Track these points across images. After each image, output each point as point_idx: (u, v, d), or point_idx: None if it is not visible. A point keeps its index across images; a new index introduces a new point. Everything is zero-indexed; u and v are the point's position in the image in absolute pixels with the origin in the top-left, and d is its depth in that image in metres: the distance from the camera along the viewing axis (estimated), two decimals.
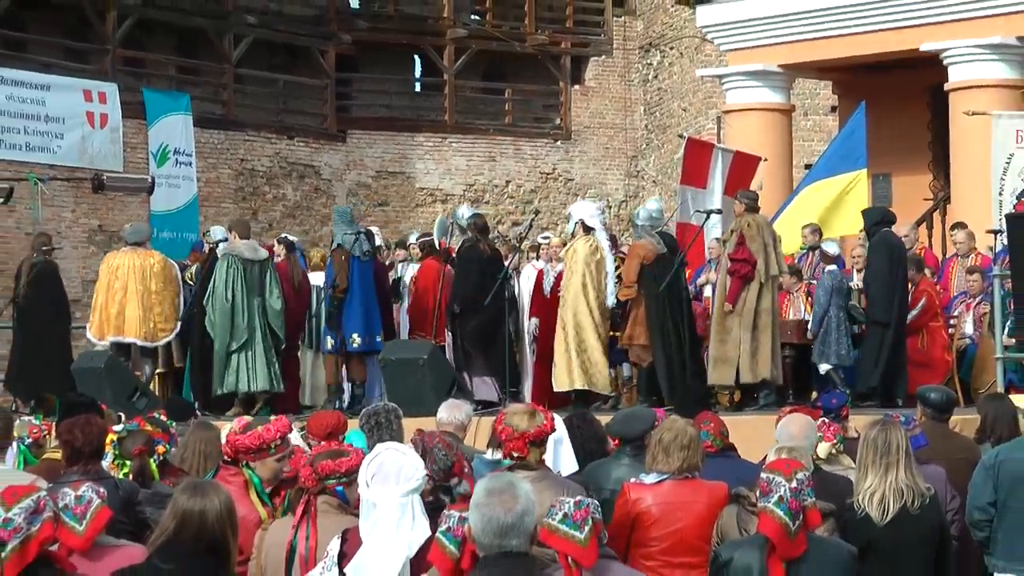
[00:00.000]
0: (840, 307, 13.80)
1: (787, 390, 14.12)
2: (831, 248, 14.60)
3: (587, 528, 5.11)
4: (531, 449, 6.64)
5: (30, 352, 15.59)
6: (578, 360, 13.89)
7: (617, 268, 14.43)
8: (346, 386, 15.32)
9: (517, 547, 4.61)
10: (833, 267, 14.27)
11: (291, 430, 7.39)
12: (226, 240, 15.18)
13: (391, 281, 16.19)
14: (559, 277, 14.67)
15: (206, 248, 16.25)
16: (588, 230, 14.21)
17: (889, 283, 13.51)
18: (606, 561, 5.32)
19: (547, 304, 14.84)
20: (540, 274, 15.44)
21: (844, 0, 19.98)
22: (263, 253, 15.05)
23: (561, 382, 14.03)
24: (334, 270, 14.81)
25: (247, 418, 7.55)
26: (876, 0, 19.72)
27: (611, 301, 14.08)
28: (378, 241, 16.18)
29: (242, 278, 14.55)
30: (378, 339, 14.60)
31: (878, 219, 14.03)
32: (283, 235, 17.21)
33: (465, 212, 15.63)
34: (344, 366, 15.11)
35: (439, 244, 15.84)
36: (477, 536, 4.67)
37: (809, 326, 14.06)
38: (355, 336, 14.53)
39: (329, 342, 14.80)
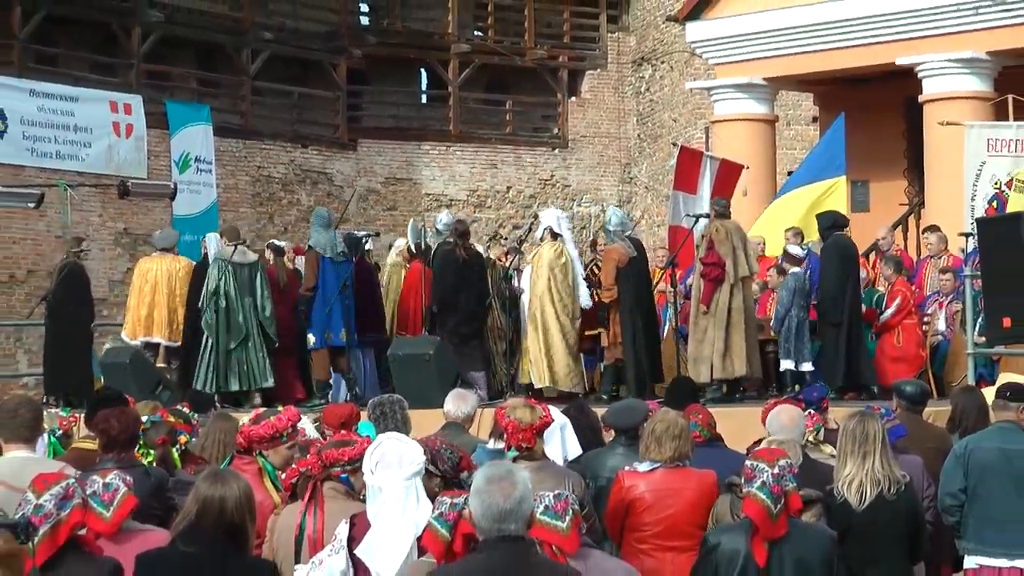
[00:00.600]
0: (802, 307, 13.73)
1: (771, 384, 14.11)
2: (795, 250, 14.50)
3: (568, 518, 5.16)
4: (537, 440, 6.69)
5: (58, 350, 15.58)
6: (544, 359, 13.83)
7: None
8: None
9: (515, 531, 4.64)
10: (796, 269, 14.16)
11: (300, 419, 7.43)
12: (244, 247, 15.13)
13: None
14: None
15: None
16: (555, 236, 14.10)
17: (840, 284, 13.53)
18: (586, 549, 5.36)
19: None
20: None
21: (825, 17, 20.00)
22: (252, 256, 14.88)
23: (538, 377, 13.97)
24: (305, 270, 14.72)
25: (260, 410, 7.58)
26: (855, 17, 19.73)
27: (585, 302, 14.02)
28: (369, 245, 16.08)
29: (233, 280, 14.46)
30: (342, 334, 14.41)
31: (830, 224, 14.04)
32: (271, 241, 17.04)
33: (444, 217, 15.54)
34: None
35: (413, 247, 15.75)
36: (477, 521, 4.69)
37: (771, 324, 14.03)
38: (327, 333, 14.40)
39: (310, 339, 14.64)
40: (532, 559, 4.71)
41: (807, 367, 13.67)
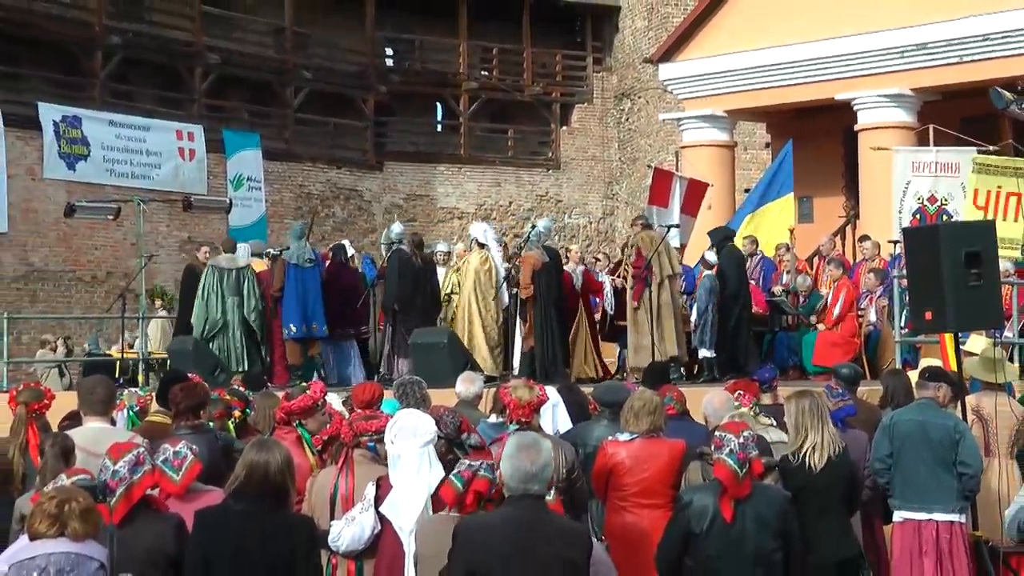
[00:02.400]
0: (715, 304, 13.52)
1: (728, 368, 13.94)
2: (710, 257, 14.20)
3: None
4: (534, 415, 6.68)
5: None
6: (469, 348, 13.59)
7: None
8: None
9: (538, 491, 4.72)
10: (710, 272, 13.81)
11: (327, 391, 7.48)
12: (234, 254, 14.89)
13: None
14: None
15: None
16: (481, 246, 13.87)
17: (738, 284, 13.52)
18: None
19: None
20: None
21: (775, 59, 20.05)
22: (242, 263, 14.55)
23: (484, 366, 13.69)
24: (274, 275, 14.45)
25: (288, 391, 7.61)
26: (801, 59, 19.80)
27: (505, 302, 13.80)
28: (351, 252, 15.84)
29: (218, 283, 14.25)
30: (314, 326, 14.10)
31: (724, 236, 14.03)
32: (267, 249, 16.69)
33: (396, 227, 15.12)
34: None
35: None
36: (507, 481, 4.73)
37: (692, 318, 13.78)
38: (291, 326, 14.09)
39: (292, 329, 14.30)
40: (548, 513, 4.76)
41: (711, 353, 13.47)
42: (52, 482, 5.10)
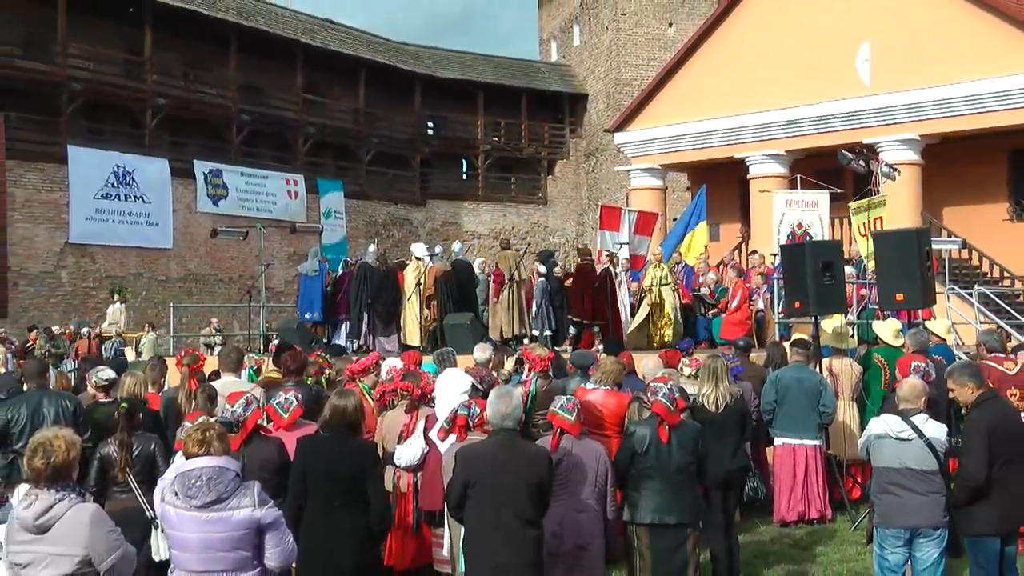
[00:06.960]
0: (548, 302, 13.11)
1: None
2: (541, 268, 13.52)
3: (575, 414, 5.13)
4: (550, 366, 6.71)
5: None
6: (408, 326, 13.34)
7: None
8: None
9: (511, 426, 4.68)
10: (541, 279, 13.29)
11: (381, 358, 7.45)
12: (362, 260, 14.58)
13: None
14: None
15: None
16: (419, 259, 13.64)
17: (562, 288, 13.20)
18: (585, 436, 5.34)
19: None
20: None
21: (694, 130, 20.14)
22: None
23: (408, 338, 13.45)
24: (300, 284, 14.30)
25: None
26: (711, 130, 19.87)
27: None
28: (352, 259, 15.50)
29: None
30: (318, 314, 13.91)
31: (548, 255, 13.83)
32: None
33: (371, 248, 14.77)
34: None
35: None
36: (490, 419, 4.72)
37: (532, 310, 13.28)
38: (300, 313, 14.11)
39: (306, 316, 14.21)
40: (518, 442, 4.71)
41: (548, 333, 13.08)
42: (188, 422, 5.13)
